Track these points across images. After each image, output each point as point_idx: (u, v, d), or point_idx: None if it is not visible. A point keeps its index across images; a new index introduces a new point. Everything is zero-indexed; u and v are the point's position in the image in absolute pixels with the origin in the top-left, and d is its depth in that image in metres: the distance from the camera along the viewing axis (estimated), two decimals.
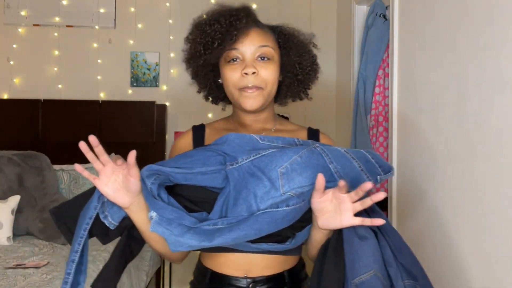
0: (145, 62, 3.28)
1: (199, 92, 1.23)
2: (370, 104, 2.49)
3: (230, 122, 1.19)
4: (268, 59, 1.07)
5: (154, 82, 3.29)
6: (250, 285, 1.04)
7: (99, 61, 3.27)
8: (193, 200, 0.95)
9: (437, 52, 1.66)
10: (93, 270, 2.04)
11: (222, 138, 0.98)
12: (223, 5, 1.10)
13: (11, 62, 3.23)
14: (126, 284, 2.20)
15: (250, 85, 1.04)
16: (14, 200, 2.48)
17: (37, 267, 2.02)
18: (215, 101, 1.24)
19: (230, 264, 1.05)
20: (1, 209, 2.41)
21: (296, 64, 1.13)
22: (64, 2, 3.24)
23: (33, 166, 2.75)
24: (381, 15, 2.45)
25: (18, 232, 2.56)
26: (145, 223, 0.96)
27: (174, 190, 0.96)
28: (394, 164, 2.05)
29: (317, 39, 1.13)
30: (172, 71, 3.30)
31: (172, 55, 3.29)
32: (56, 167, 2.90)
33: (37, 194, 2.68)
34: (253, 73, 1.04)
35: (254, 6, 1.12)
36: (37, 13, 3.23)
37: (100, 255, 2.24)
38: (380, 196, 0.86)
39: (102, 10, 3.25)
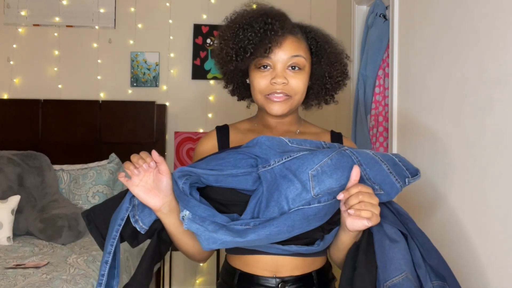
0: (145, 62, 3.28)
1: (225, 87, 1.23)
2: (370, 104, 2.49)
3: (254, 124, 1.18)
4: (299, 68, 1.06)
5: (154, 82, 3.29)
6: (280, 285, 1.04)
7: (99, 61, 3.27)
8: (223, 202, 0.96)
9: (437, 52, 1.66)
10: (93, 270, 2.04)
11: (253, 140, 0.98)
12: (259, 3, 1.08)
13: (11, 62, 3.23)
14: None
15: (278, 91, 1.04)
16: (14, 200, 2.48)
17: (37, 267, 2.02)
18: (240, 98, 1.24)
19: (259, 265, 1.05)
20: (1, 209, 2.41)
21: (326, 73, 1.12)
22: (64, 2, 3.24)
23: (33, 166, 2.75)
24: (381, 15, 2.45)
25: (18, 232, 2.56)
26: (176, 225, 0.97)
27: (204, 193, 0.97)
28: None
29: None
30: (172, 71, 3.30)
31: (172, 55, 3.29)
32: (56, 167, 2.90)
33: (37, 194, 2.68)
34: (283, 83, 1.04)
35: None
36: (37, 13, 3.23)
37: (101, 255, 2.24)
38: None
39: (102, 10, 3.25)
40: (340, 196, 0.88)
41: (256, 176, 0.94)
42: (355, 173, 0.89)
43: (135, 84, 3.29)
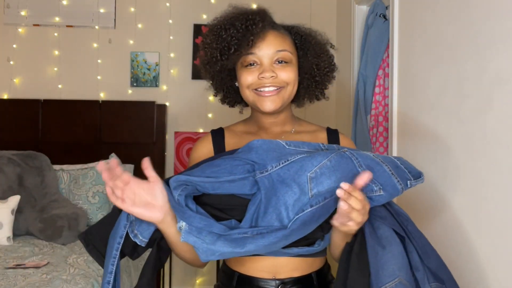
0: (145, 62, 3.28)
1: (215, 95, 1.22)
2: (370, 104, 2.49)
3: (249, 125, 1.17)
4: (286, 62, 1.06)
5: (154, 82, 3.29)
6: (279, 287, 1.04)
7: (99, 61, 3.27)
8: (220, 208, 0.94)
9: (437, 52, 1.66)
10: (93, 270, 2.04)
11: (248, 144, 0.96)
12: (238, 8, 1.08)
13: (11, 62, 3.23)
14: (126, 284, 2.20)
15: (267, 84, 1.03)
16: (14, 200, 2.48)
17: (37, 267, 2.02)
18: (231, 104, 1.23)
19: (258, 267, 1.05)
20: (1, 209, 2.41)
21: (314, 65, 1.12)
22: (64, 2, 3.24)
23: (33, 166, 2.74)
24: (381, 15, 2.45)
25: (18, 232, 2.56)
26: (176, 234, 0.95)
27: (200, 200, 0.95)
28: None
29: None
30: (172, 71, 3.30)
31: (172, 55, 3.29)
32: (56, 167, 2.90)
33: (37, 194, 2.68)
34: (272, 76, 1.03)
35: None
36: (37, 13, 3.23)
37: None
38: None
39: (102, 10, 3.25)
40: (344, 188, 0.85)
41: (253, 180, 0.93)
42: (366, 176, 0.87)
43: (135, 84, 3.29)
